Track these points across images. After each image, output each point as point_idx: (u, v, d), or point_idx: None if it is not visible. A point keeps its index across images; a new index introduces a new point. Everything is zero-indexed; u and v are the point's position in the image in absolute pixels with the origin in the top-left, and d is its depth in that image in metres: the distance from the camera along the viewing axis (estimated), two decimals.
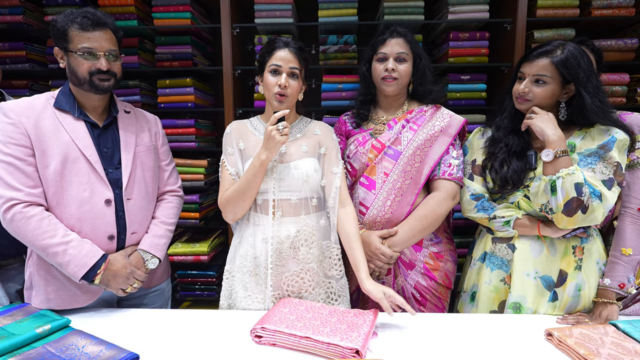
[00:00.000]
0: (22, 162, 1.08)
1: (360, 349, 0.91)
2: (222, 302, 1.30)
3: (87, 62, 1.12)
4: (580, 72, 1.11)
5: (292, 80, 1.20)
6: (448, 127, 1.35)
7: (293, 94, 1.20)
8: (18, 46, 2.04)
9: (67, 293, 1.15)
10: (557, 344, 0.99)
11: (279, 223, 1.23)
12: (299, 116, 1.34)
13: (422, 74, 1.35)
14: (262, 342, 1.00)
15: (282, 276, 1.23)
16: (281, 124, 1.14)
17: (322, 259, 1.27)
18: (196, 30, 2.12)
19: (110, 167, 1.19)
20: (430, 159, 1.33)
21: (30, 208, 1.07)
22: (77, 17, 1.10)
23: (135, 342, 1.00)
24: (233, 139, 1.29)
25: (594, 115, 1.12)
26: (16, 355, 0.91)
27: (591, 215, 1.08)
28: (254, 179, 1.18)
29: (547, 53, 1.14)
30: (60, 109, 1.15)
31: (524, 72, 1.18)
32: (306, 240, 1.23)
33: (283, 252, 1.22)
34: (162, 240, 1.28)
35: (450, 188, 1.32)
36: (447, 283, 1.38)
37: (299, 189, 1.23)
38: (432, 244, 1.38)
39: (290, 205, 1.23)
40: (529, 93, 1.17)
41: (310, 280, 1.24)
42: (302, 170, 1.22)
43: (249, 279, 1.26)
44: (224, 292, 1.30)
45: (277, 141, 1.13)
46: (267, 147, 1.14)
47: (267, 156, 1.15)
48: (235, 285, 1.28)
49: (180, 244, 2.13)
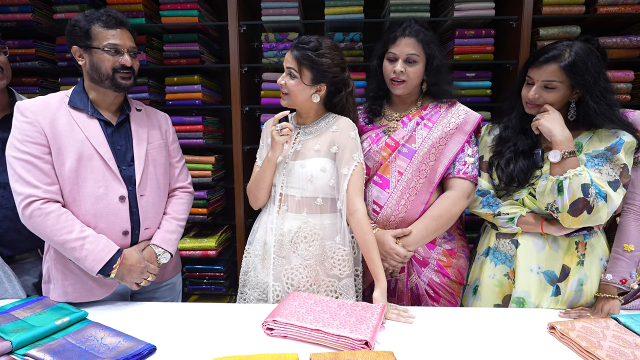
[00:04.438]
0: (40, 160, 1.11)
1: (369, 340, 0.94)
2: (240, 277, 1.42)
3: (112, 58, 1.16)
4: (588, 76, 1.11)
5: (289, 79, 1.24)
6: (464, 124, 1.32)
7: (291, 92, 1.24)
8: (28, 44, 2.06)
9: (84, 286, 1.18)
10: (560, 337, 1.01)
11: (283, 217, 1.29)
12: (322, 114, 1.33)
13: (436, 74, 1.30)
14: (273, 334, 1.03)
15: (283, 268, 1.27)
16: (279, 125, 1.23)
17: (323, 259, 1.28)
18: (203, 28, 2.14)
19: (123, 165, 1.22)
20: (445, 157, 1.31)
21: (48, 205, 1.10)
22: (102, 16, 1.15)
23: (150, 334, 1.03)
24: (264, 135, 1.40)
25: (600, 120, 1.13)
26: (38, 346, 0.94)
27: (596, 215, 1.09)
28: (264, 174, 1.29)
29: (555, 58, 1.13)
30: (75, 108, 1.18)
31: (532, 77, 1.18)
32: (305, 237, 1.26)
33: (284, 245, 1.27)
34: (174, 236, 1.31)
35: (466, 187, 1.30)
36: (459, 279, 1.38)
37: (304, 187, 1.25)
38: (445, 241, 1.37)
39: (295, 202, 1.27)
40: (539, 99, 1.17)
41: (307, 276, 1.26)
42: (307, 170, 1.24)
43: (259, 262, 1.33)
44: (243, 268, 1.41)
45: (277, 141, 1.22)
46: (272, 145, 1.25)
47: (272, 154, 1.25)
48: (250, 264, 1.39)
49: (189, 239, 2.17)
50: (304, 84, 1.23)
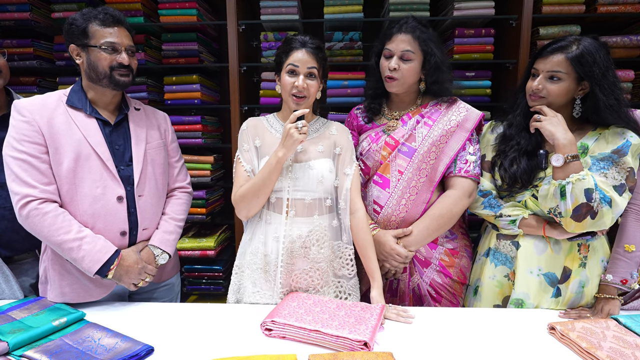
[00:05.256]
0: (36, 159, 1.10)
1: (368, 341, 0.94)
2: (230, 297, 1.32)
3: (110, 57, 1.15)
4: (596, 68, 1.08)
5: (309, 80, 1.19)
6: (465, 121, 1.30)
7: (312, 94, 1.21)
8: (26, 43, 2.06)
9: (82, 287, 1.18)
10: (560, 338, 1.01)
11: (292, 222, 1.23)
12: (315, 116, 1.33)
13: (435, 71, 1.27)
14: (272, 335, 1.02)
15: (292, 274, 1.24)
16: (300, 122, 1.14)
17: (332, 259, 1.27)
18: (202, 27, 2.13)
19: (121, 164, 1.21)
20: (446, 155, 1.30)
21: (46, 205, 1.09)
22: (99, 14, 1.14)
23: (148, 334, 1.03)
24: (249, 136, 1.28)
25: (609, 114, 1.10)
26: (35, 347, 0.93)
27: (600, 220, 1.08)
28: (269, 177, 1.18)
29: (562, 49, 1.12)
30: (72, 107, 1.17)
31: (537, 68, 1.16)
32: (317, 240, 1.23)
33: (294, 251, 1.23)
34: (172, 236, 1.30)
35: (467, 186, 1.28)
36: (461, 279, 1.36)
37: (314, 189, 1.23)
38: (447, 240, 1.36)
39: (303, 205, 1.23)
40: (542, 90, 1.15)
41: (319, 278, 1.25)
42: (317, 171, 1.22)
43: (259, 275, 1.26)
44: (233, 287, 1.31)
45: (295, 139, 1.13)
46: (285, 144, 1.14)
47: (284, 154, 1.15)
48: (244, 281, 1.29)
49: (187, 239, 2.16)
50: (320, 82, 1.23)
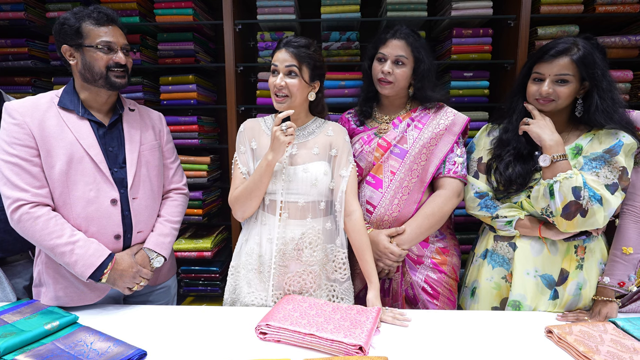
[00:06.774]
0: (28, 162, 1.09)
1: (363, 345, 0.93)
2: (226, 297, 1.32)
3: (106, 56, 1.13)
4: (597, 69, 1.10)
5: (289, 79, 1.17)
6: (452, 125, 1.35)
7: (293, 93, 1.18)
8: (20, 43, 2.04)
9: (76, 291, 1.17)
10: (557, 341, 1.00)
11: (285, 225, 1.23)
12: (312, 117, 1.32)
13: (422, 79, 1.33)
14: (266, 338, 1.01)
15: (285, 276, 1.24)
16: (285, 124, 1.13)
17: (325, 262, 1.27)
18: (198, 27, 2.12)
19: (115, 167, 1.20)
20: (436, 157, 1.34)
21: (37, 208, 1.08)
22: (93, 13, 1.12)
23: (142, 338, 1.02)
24: (246, 138, 1.29)
25: (600, 116, 1.11)
26: (26, 351, 0.93)
27: (592, 218, 1.08)
28: (260, 180, 1.18)
29: (566, 51, 1.12)
30: (64, 108, 1.16)
31: (543, 72, 1.15)
32: (310, 243, 1.24)
33: (287, 253, 1.23)
34: (168, 239, 1.29)
35: (456, 186, 1.33)
36: (454, 277, 1.40)
37: (307, 192, 1.22)
38: (437, 239, 1.40)
39: (297, 208, 1.23)
40: (553, 93, 1.14)
41: (311, 282, 1.24)
42: (311, 174, 1.22)
43: (253, 275, 1.27)
44: (229, 287, 1.32)
45: (282, 141, 1.13)
46: (273, 147, 1.15)
47: (273, 157, 1.15)
48: (239, 281, 1.29)
49: (184, 240, 2.15)
50: (304, 82, 1.20)
